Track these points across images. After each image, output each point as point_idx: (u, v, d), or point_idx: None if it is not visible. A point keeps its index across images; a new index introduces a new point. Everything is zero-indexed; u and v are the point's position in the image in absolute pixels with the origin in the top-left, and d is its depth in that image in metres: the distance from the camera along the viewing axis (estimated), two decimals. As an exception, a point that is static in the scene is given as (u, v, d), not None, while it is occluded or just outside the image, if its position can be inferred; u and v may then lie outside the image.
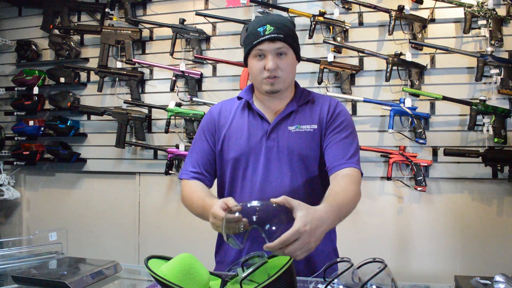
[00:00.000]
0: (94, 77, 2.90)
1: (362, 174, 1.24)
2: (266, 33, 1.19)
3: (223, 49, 2.73)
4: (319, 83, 2.50)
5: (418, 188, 2.37)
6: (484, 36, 2.32)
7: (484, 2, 2.30)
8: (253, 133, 1.28)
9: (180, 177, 1.38)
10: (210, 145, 1.35)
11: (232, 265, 1.18)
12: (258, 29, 1.21)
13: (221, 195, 1.36)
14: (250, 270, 0.89)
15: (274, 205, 0.94)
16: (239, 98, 1.36)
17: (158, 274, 0.89)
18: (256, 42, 1.21)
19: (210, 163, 1.35)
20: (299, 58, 1.30)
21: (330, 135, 1.26)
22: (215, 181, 1.40)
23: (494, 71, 2.28)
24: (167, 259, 1.00)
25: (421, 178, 2.35)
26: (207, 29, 2.74)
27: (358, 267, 0.95)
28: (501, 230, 2.32)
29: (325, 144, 1.26)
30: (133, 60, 2.77)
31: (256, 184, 1.25)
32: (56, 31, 2.96)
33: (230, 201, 1.06)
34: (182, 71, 2.68)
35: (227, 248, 1.33)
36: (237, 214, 0.96)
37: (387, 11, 2.41)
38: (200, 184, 1.33)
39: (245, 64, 1.30)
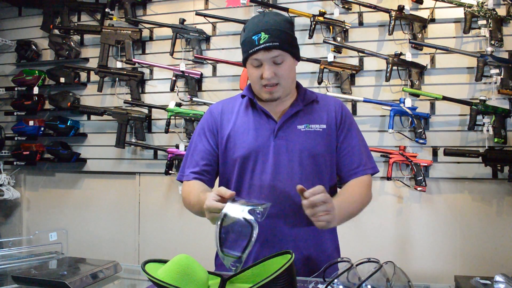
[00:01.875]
0: (94, 77, 2.90)
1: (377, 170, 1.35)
2: (261, 42, 1.16)
3: (223, 49, 2.73)
4: (319, 83, 2.50)
5: (418, 188, 2.37)
6: (484, 36, 2.32)
7: (484, 2, 2.30)
8: (260, 131, 1.27)
9: (179, 179, 1.34)
10: (211, 145, 1.31)
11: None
12: (253, 37, 1.17)
13: None
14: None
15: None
16: (242, 96, 1.34)
17: (156, 277, 0.89)
18: (251, 51, 1.18)
19: (211, 164, 1.31)
20: (298, 58, 1.27)
21: (343, 142, 1.30)
22: (216, 181, 1.38)
23: (494, 71, 2.27)
24: (164, 262, 1.00)
25: (421, 178, 2.35)
26: (207, 29, 2.74)
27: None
28: (501, 230, 2.32)
29: (339, 152, 1.31)
30: (133, 60, 2.77)
31: (265, 183, 1.24)
32: (56, 31, 2.96)
33: (223, 190, 1.04)
34: (182, 71, 2.68)
35: None
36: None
37: (387, 11, 2.40)
38: (198, 182, 1.29)
39: (244, 66, 1.29)
